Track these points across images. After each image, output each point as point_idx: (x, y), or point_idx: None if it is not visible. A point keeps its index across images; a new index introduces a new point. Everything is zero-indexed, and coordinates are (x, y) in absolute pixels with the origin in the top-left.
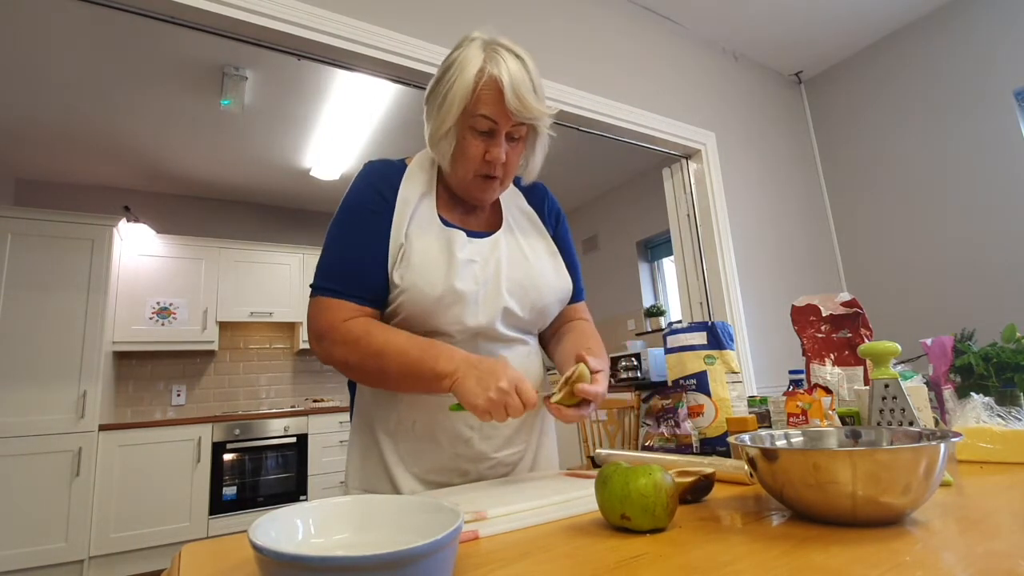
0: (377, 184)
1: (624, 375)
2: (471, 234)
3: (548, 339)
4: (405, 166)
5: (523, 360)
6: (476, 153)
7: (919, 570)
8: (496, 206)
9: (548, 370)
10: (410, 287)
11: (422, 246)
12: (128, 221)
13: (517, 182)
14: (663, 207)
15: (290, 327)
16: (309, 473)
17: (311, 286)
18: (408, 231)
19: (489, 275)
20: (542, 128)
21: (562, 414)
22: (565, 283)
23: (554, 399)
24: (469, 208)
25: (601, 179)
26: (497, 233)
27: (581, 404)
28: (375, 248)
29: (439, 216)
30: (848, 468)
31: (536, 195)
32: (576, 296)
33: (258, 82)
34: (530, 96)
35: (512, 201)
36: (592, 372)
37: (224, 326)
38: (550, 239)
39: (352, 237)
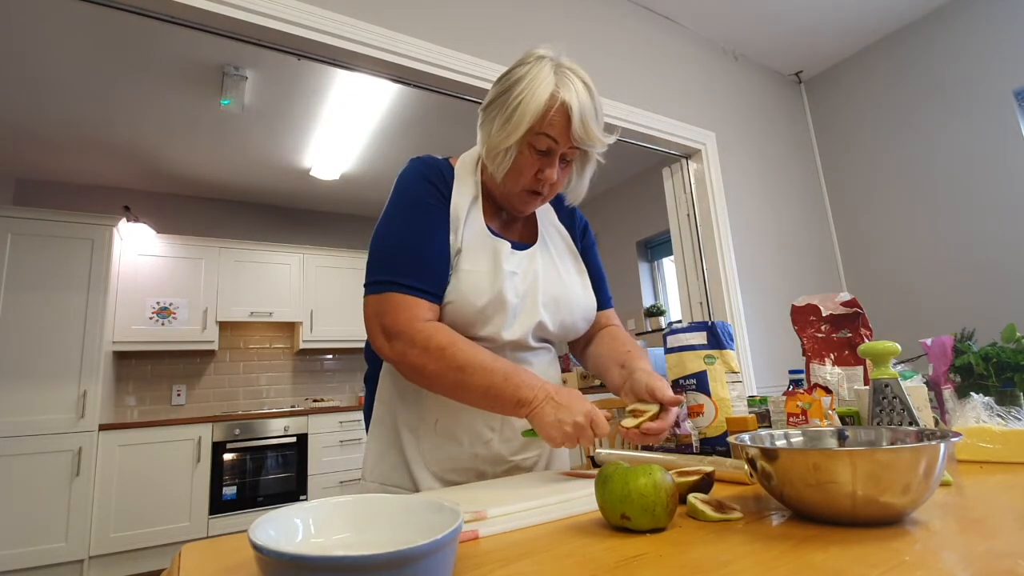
0: (434, 179)
1: None
2: (513, 245)
3: (581, 345)
4: (451, 167)
5: (546, 367)
6: (530, 170)
7: (919, 570)
8: (531, 218)
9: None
10: (456, 295)
11: (472, 255)
12: (128, 221)
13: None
14: (663, 207)
15: (290, 327)
16: (309, 473)
17: (378, 281)
18: (463, 238)
19: (528, 288)
20: (593, 154)
21: (631, 436)
22: (591, 302)
23: (627, 423)
24: (509, 217)
25: (601, 179)
26: (534, 247)
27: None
28: (444, 246)
29: (486, 225)
30: (848, 468)
31: (565, 209)
32: (605, 303)
33: (258, 82)
34: (593, 124)
35: (546, 216)
36: (663, 407)
37: (224, 326)
38: (579, 256)
39: (422, 231)
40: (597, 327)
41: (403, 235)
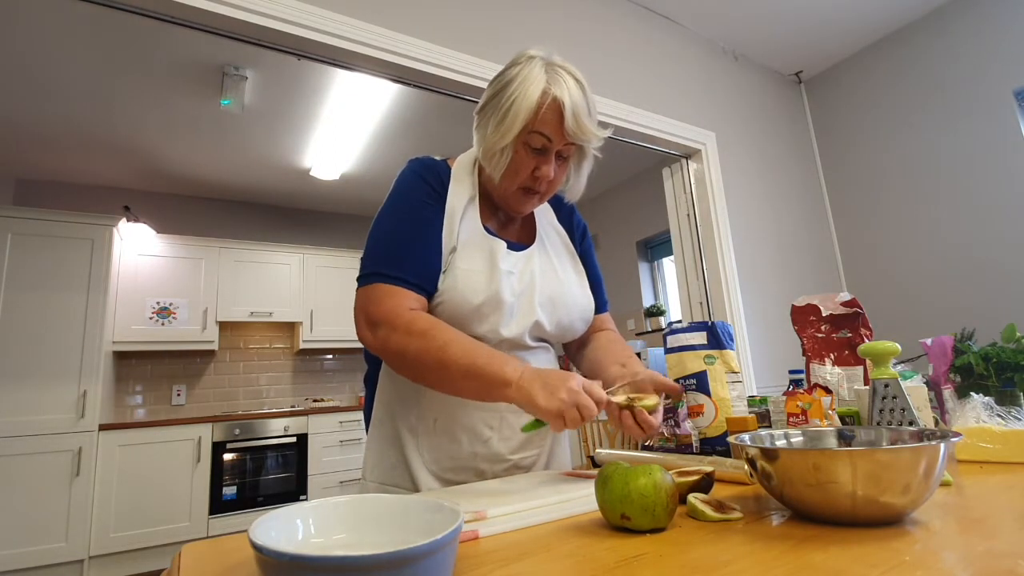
0: (430, 179)
1: None
2: (510, 245)
3: (575, 346)
4: (448, 167)
5: (544, 367)
6: (527, 169)
7: (919, 570)
8: (529, 218)
9: None
10: (452, 293)
11: (468, 254)
12: (128, 221)
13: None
14: (663, 207)
15: (290, 327)
16: (309, 473)
17: (365, 274)
18: (458, 237)
19: (524, 287)
20: (589, 149)
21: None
22: (589, 303)
23: (616, 398)
24: (506, 218)
25: (601, 179)
26: (531, 247)
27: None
28: (434, 242)
29: (482, 225)
30: (848, 468)
31: (564, 210)
32: (601, 307)
33: (258, 82)
34: (587, 119)
35: (544, 216)
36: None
37: (224, 326)
38: (577, 258)
39: (413, 227)
40: (593, 330)
41: (394, 231)
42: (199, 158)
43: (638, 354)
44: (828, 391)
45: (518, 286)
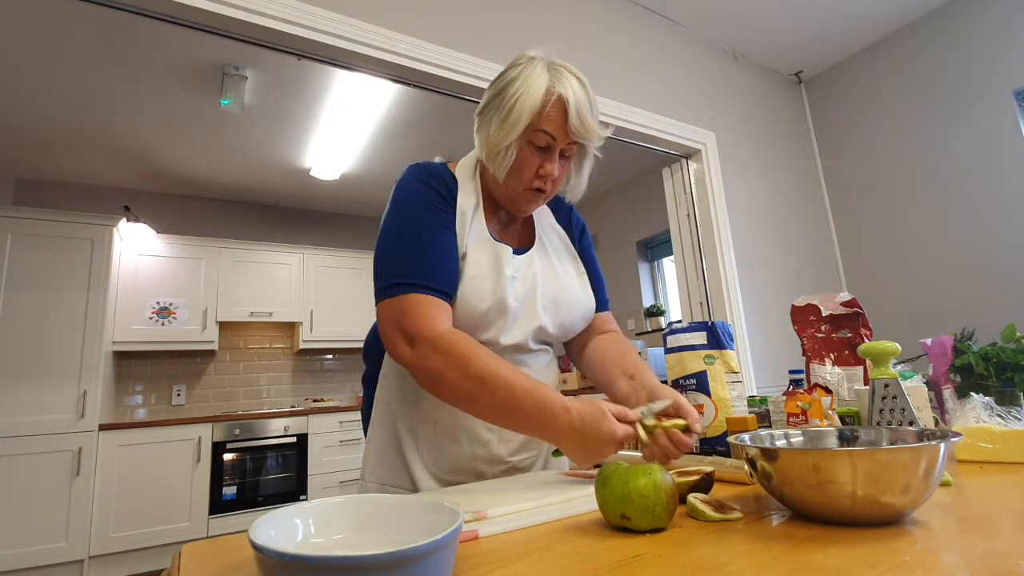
0: (436, 185)
1: None
2: (514, 250)
3: (577, 348)
4: (451, 172)
5: (544, 368)
6: (531, 168)
7: (919, 570)
8: (528, 220)
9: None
10: (460, 300)
11: (476, 259)
12: (128, 221)
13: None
14: (663, 207)
15: (290, 327)
16: (309, 473)
17: (392, 284)
18: (468, 242)
19: (527, 291)
20: (590, 149)
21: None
22: (590, 302)
23: (648, 422)
24: (508, 221)
25: (601, 179)
26: (532, 250)
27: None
28: (452, 247)
29: (487, 229)
30: (848, 468)
31: (563, 210)
32: (602, 306)
33: (258, 82)
34: (589, 118)
35: (543, 218)
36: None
37: (224, 326)
38: (578, 257)
39: (431, 232)
40: (595, 330)
41: (412, 237)
42: (199, 158)
43: (638, 354)
44: (828, 391)
45: (521, 290)
